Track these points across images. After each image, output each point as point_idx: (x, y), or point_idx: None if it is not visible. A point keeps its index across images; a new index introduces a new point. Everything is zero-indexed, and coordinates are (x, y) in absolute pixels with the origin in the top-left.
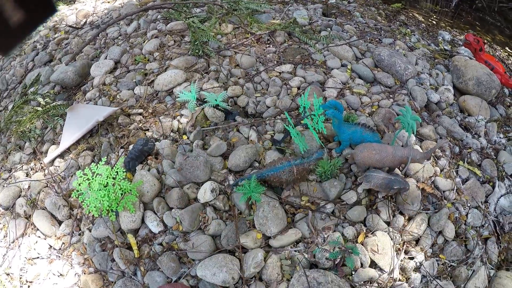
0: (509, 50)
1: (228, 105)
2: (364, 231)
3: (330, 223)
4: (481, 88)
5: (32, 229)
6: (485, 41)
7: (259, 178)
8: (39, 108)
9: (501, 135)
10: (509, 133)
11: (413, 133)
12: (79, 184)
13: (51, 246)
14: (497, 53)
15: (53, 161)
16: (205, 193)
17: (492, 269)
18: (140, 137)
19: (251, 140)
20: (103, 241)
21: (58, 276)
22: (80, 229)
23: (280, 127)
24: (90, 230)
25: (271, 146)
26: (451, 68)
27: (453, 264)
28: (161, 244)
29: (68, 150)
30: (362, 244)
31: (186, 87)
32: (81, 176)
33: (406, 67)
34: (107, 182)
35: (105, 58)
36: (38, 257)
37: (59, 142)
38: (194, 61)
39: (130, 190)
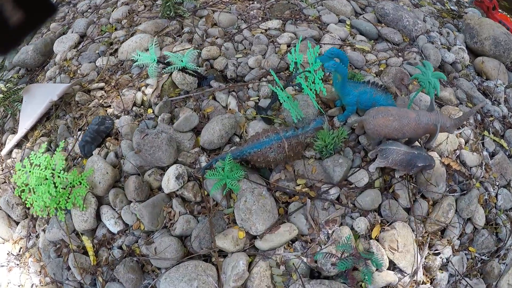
0: None
1: (198, 66)
2: (379, 222)
3: (335, 214)
4: (499, 49)
5: None
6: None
7: (239, 157)
8: (0, 95)
9: None
10: None
11: (436, 94)
12: (18, 178)
13: (9, 252)
14: (509, 18)
15: (10, 152)
16: (168, 181)
17: None
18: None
19: (230, 109)
20: (58, 244)
21: (18, 286)
22: (36, 231)
23: (266, 91)
24: (44, 232)
25: (255, 115)
26: (463, 27)
27: (483, 257)
28: (121, 247)
29: (25, 138)
30: (378, 240)
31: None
32: (20, 169)
33: (415, 22)
34: (46, 175)
35: (72, 32)
36: None
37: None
38: (165, 24)
39: (80, 181)
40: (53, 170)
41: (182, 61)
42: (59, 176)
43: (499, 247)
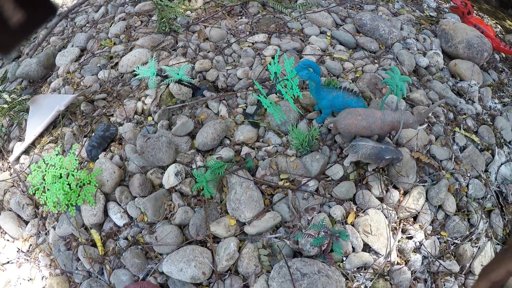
0: (496, 19)
1: (192, 78)
2: (354, 210)
3: (314, 203)
4: (472, 51)
5: (1, 232)
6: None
7: None
8: (5, 106)
9: (496, 101)
10: (504, 98)
11: (403, 96)
12: (33, 178)
13: (19, 249)
14: (484, 21)
15: (18, 158)
16: (168, 177)
17: (498, 244)
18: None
19: (221, 115)
20: (68, 239)
21: (28, 280)
22: (46, 228)
23: (252, 99)
24: (54, 228)
25: (243, 120)
26: (439, 33)
27: (456, 241)
28: (126, 238)
29: (32, 145)
30: (353, 225)
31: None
32: (35, 169)
33: (391, 31)
34: (61, 174)
35: (72, 46)
36: (8, 262)
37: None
38: (161, 39)
39: (89, 180)
40: (67, 169)
41: (178, 74)
42: (73, 175)
43: (471, 232)
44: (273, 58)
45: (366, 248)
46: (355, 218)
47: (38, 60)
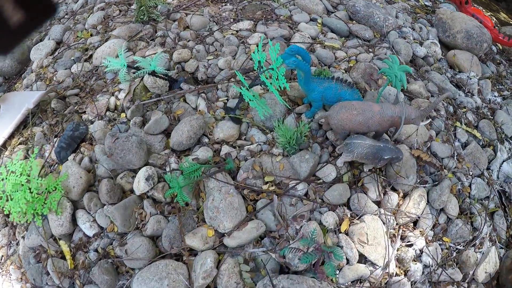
0: (490, 11)
1: (168, 70)
2: (349, 216)
3: (303, 210)
4: (471, 42)
5: None
6: None
7: None
8: None
9: (496, 94)
10: (503, 91)
11: (403, 87)
12: None
13: None
14: (482, 12)
15: None
16: (139, 182)
17: (502, 248)
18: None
19: (199, 110)
20: (37, 250)
21: None
22: (16, 238)
23: (234, 91)
24: (24, 239)
25: (224, 116)
26: (436, 22)
27: (459, 247)
28: (96, 250)
29: (3, 147)
30: (347, 234)
31: (128, 57)
32: None
33: (386, 18)
34: (21, 181)
35: (48, 39)
36: None
37: None
38: (139, 29)
39: (55, 187)
40: (28, 176)
41: (150, 65)
42: (34, 182)
43: (474, 236)
44: (257, 46)
45: (362, 259)
46: (349, 226)
47: (12, 55)
